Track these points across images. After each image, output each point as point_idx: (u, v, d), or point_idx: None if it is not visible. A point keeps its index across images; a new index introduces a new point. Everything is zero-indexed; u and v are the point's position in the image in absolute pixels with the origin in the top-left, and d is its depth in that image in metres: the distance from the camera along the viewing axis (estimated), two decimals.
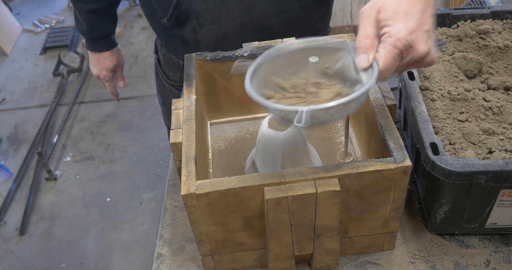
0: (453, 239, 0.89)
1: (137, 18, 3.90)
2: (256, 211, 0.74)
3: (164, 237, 0.94)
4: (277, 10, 1.02)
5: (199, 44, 1.07)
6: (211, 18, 1.02)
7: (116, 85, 1.41)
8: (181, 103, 0.87)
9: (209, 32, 1.04)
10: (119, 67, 1.36)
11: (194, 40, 1.07)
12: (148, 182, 2.49)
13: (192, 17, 1.02)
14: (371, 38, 0.66)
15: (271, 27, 1.04)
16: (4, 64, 3.52)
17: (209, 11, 1.01)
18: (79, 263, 2.14)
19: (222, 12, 1.01)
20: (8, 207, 2.42)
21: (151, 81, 3.15)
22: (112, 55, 1.31)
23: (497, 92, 0.89)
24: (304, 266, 0.87)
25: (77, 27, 1.26)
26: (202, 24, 1.03)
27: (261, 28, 1.04)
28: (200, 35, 1.05)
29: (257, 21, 1.03)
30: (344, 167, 0.71)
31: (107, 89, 1.40)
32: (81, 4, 1.19)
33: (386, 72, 0.65)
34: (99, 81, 1.38)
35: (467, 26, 0.99)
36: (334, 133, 1.05)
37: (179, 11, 1.01)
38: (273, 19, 1.03)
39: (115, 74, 1.37)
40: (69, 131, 2.86)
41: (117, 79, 1.39)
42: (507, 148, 0.79)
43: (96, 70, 1.33)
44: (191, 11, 1.01)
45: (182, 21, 1.03)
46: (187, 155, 0.76)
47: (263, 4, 1.00)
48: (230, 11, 1.01)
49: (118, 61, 1.34)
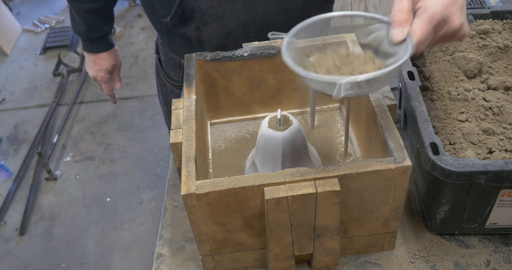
0: (453, 239, 0.89)
1: (137, 18, 3.90)
2: (256, 211, 0.74)
3: (164, 237, 0.94)
4: (280, 8, 1.02)
5: (203, 42, 1.07)
6: (215, 16, 1.02)
7: (113, 87, 1.38)
8: (181, 103, 0.87)
9: (213, 30, 1.04)
10: (116, 68, 1.34)
11: (197, 38, 1.07)
12: (148, 182, 2.49)
13: (196, 15, 1.02)
14: (406, 11, 0.65)
15: (274, 25, 1.04)
16: (4, 64, 3.52)
17: (213, 9, 1.01)
18: (79, 263, 2.14)
19: (226, 10, 1.01)
20: (8, 207, 2.42)
21: (151, 81, 3.15)
22: (110, 55, 1.29)
23: (497, 92, 0.89)
24: (304, 266, 0.87)
25: (73, 28, 1.24)
26: (206, 22, 1.03)
27: (264, 26, 1.04)
28: (204, 33, 1.05)
29: (260, 19, 1.03)
30: (344, 167, 0.71)
31: (104, 91, 1.37)
32: (79, 4, 1.18)
33: (420, 46, 0.65)
34: (96, 82, 1.35)
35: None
36: (334, 133, 1.05)
37: (182, 9, 1.01)
38: (276, 17, 1.03)
39: (112, 76, 1.35)
40: (69, 131, 2.86)
41: (114, 81, 1.36)
42: (507, 148, 0.79)
43: (93, 71, 1.30)
44: (195, 9, 1.01)
45: (185, 19, 1.04)
46: (187, 155, 0.76)
47: (267, 2, 1.01)
48: (234, 9, 1.01)
49: (116, 62, 1.32)
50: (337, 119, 1.08)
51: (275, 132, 0.86)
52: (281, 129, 0.86)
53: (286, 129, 0.86)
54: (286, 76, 1.02)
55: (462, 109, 0.85)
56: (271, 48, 0.98)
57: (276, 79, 1.03)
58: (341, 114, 1.09)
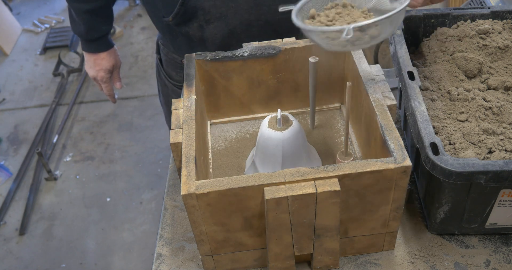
0: (453, 239, 0.89)
1: (137, 18, 3.90)
2: (256, 211, 0.75)
3: (164, 237, 0.94)
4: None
5: (205, 41, 1.07)
6: (218, 15, 1.02)
7: (113, 87, 1.38)
8: (181, 103, 0.87)
9: (216, 29, 1.04)
10: (116, 68, 1.33)
11: (199, 37, 1.07)
12: (148, 182, 2.49)
13: (198, 14, 1.02)
14: None
15: (278, 24, 1.04)
16: (4, 64, 3.52)
17: (216, 8, 1.01)
18: (79, 263, 2.14)
19: (230, 9, 1.01)
20: (8, 207, 2.42)
21: (151, 81, 3.15)
22: (110, 55, 1.29)
23: (497, 92, 0.89)
24: (304, 266, 0.87)
25: (73, 28, 1.24)
26: (209, 21, 1.03)
27: (267, 25, 1.04)
28: (207, 32, 1.05)
29: (264, 18, 1.03)
30: (344, 167, 0.71)
31: (104, 91, 1.36)
32: (78, 4, 1.17)
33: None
34: (96, 83, 1.35)
35: (467, 26, 0.99)
36: (334, 133, 1.05)
37: (185, 8, 1.01)
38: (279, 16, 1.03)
39: (112, 75, 1.34)
40: (69, 131, 2.86)
41: (114, 80, 1.36)
42: (507, 148, 0.79)
43: (93, 71, 1.30)
44: (197, 8, 1.01)
45: (188, 18, 1.03)
46: (187, 155, 0.76)
47: (270, 0, 1.00)
48: (238, 7, 1.01)
49: (115, 62, 1.32)
50: (337, 119, 1.08)
51: (275, 132, 0.86)
52: (281, 129, 0.86)
53: (286, 129, 0.86)
54: (286, 76, 1.02)
55: (462, 109, 0.85)
56: (271, 48, 0.98)
57: (276, 79, 1.03)
58: (341, 114, 1.09)
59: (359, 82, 0.90)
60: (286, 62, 1.00)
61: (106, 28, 1.25)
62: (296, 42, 0.99)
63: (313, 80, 0.98)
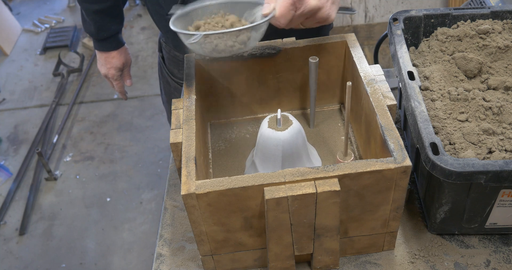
0: (453, 239, 0.89)
1: (137, 18, 3.90)
2: (256, 211, 0.75)
3: (164, 237, 0.94)
4: None
5: None
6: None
7: (124, 84, 1.42)
8: (181, 103, 0.87)
9: None
10: (126, 66, 1.37)
11: None
12: (148, 182, 2.49)
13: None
14: None
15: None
16: (4, 64, 3.52)
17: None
18: (79, 263, 2.14)
19: None
20: (8, 207, 2.42)
21: (151, 81, 3.15)
22: (120, 54, 1.32)
23: (497, 92, 0.90)
24: (304, 266, 0.87)
25: (84, 28, 1.27)
26: None
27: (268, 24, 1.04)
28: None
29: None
30: (344, 167, 0.71)
31: (115, 88, 1.41)
32: (87, 4, 1.20)
33: (281, 18, 0.80)
34: (107, 80, 1.39)
35: (467, 26, 0.99)
36: (334, 133, 1.05)
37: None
38: None
39: (122, 73, 1.38)
40: (69, 131, 2.86)
41: (125, 78, 1.40)
42: (507, 148, 0.79)
43: (104, 69, 1.34)
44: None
45: None
46: (187, 155, 0.76)
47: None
48: None
49: (126, 60, 1.36)
50: (337, 119, 1.08)
51: (275, 132, 0.86)
52: (281, 129, 0.86)
53: (286, 129, 0.86)
54: (286, 76, 1.03)
55: (462, 109, 0.85)
56: (271, 48, 0.98)
57: (276, 79, 1.03)
58: (341, 114, 1.09)
59: (359, 82, 0.90)
60: (286, 62, 1.00)
61: (116, 28, 1.27)
62: (296, 42, 0.99)
63: (313, 80, 0.98)
